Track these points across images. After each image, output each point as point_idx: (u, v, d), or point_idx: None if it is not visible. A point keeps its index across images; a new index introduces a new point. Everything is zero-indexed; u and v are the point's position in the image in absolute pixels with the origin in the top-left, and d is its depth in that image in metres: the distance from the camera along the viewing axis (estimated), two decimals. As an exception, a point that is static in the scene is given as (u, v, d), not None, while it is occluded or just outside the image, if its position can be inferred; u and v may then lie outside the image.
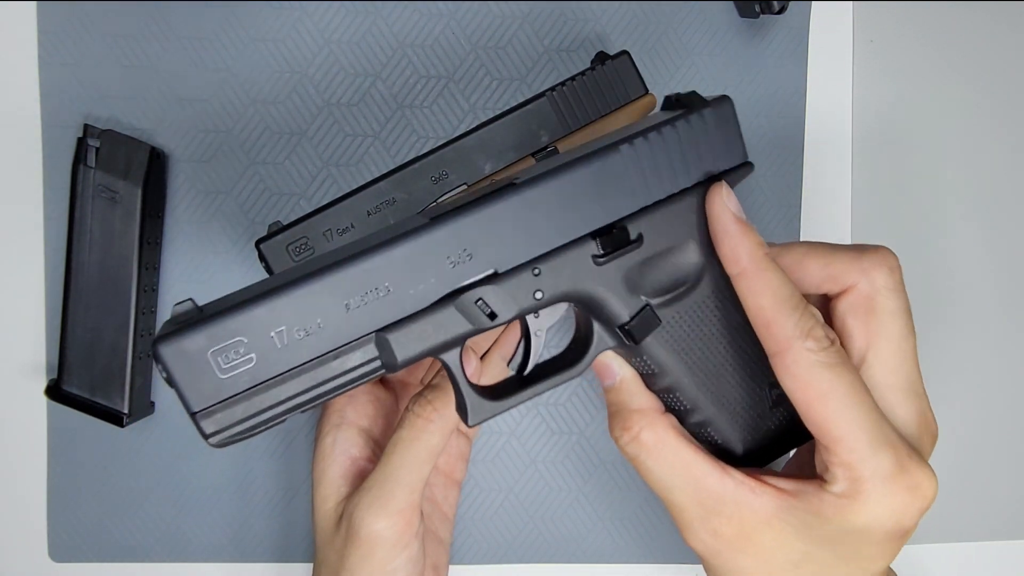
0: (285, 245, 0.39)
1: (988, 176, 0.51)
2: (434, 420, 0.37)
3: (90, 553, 0.48)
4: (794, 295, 0.33)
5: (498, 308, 0.33)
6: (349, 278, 0.31)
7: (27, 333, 0.48)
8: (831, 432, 0.33)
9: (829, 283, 0.36)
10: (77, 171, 0.44)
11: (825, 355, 0.33)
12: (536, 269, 0.33)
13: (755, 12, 0.47)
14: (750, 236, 0.34)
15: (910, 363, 0.35)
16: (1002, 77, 0.50)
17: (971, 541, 0.51)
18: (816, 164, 0.50)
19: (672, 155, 0.34)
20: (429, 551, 0.44)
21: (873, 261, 0.35)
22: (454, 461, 0.46)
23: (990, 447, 0.51)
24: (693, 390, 0.36)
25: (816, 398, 0.33)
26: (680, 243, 0.35)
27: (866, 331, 0.35)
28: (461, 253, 0.32)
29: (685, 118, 0.34)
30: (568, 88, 0.40)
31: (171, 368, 0.30)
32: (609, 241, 0.34)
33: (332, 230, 0.38)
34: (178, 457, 0.48)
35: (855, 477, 0.33)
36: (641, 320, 0.35)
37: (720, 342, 0.36)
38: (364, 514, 0.37)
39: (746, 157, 0.36)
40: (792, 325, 0.33)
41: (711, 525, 0.35)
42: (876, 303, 0.35)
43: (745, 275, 0.34)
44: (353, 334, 0.31)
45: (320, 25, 0.48)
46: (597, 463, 0.50)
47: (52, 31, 0.47)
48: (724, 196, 0.34)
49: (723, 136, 0.35)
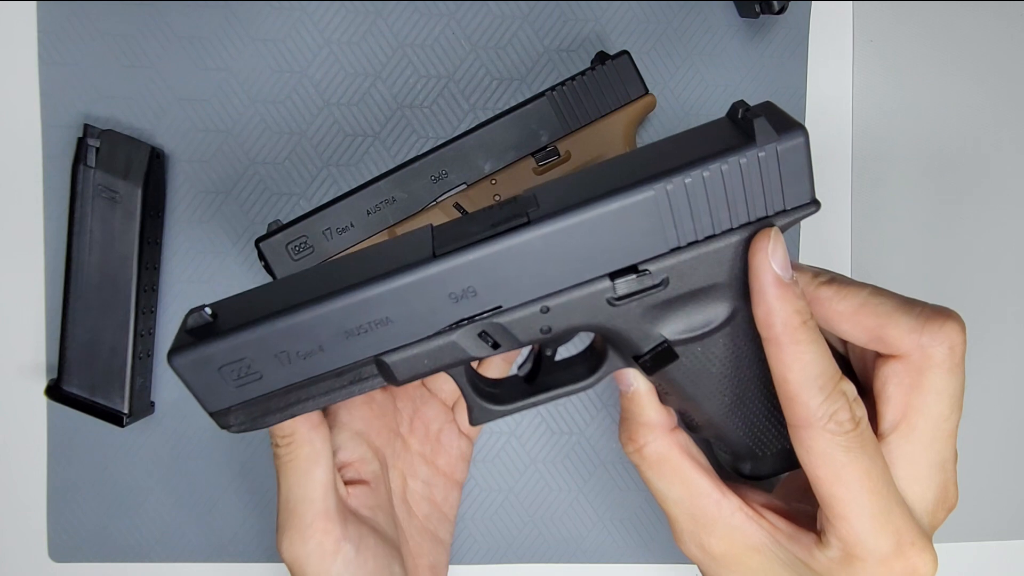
0: (284, 244, 0.39)
1: (989, 176, 0.51)
2: (291, 442, 0.36)
3: (90, 553, 0.48)
4: (824, 374, 0.31)
5: (501, 340, 0.32)
6: (349, 308, 0.31)
7: (27, 333, 0.48)
8: (835, 509, 0.32)
9: (877, 345, 0.33)
10: (77, 171, 0.44)
11: (845, 439, 0.31)
12: (544, 307, 0.31)
13: (755, 12, 0.47)
14: (789, 303, 0.30)
15: (944, 441, 0.33)
16: (1003, 77, 0.50)
17: (971, 541, 0.51)
18: (816, 164, 0.50)
19: (717, 195, 0.29)
20: (424, 550, 0.43)
21: (934, 336, 0.32)
22: (454, 462, 0.46)
23: (991, 447, 0.51)
24: (707, 415, 0.36)
25: (826, 477, 0.32)
26: (713, 288, 0.31)
27: (905, 403, 0.33)
28: (465, 290, 0.30)
29: (745, 155, 0.29)
30: (568, 88, 0.40)
31: (186, 378, 0.32)
32: (628, 284, 0.31)
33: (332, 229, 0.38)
34: (178, 457, 0.48)
35: (849, 553, 0.32)
36: (657, 355, 0.32)
37: (741, 379, 0.34)
38: (280, 540, 0.37)
39: (812, 196, 0.30)
40: (816, 406, 0.31)
41: (700, 540, 0.35)
42: (924, 380, 0.32)
43: (776, 345, 0.31)
44: (353, 358, 0.32)
45: (320, 25, 0.48)
46: (597, 463, 0.50)
47: (52, 31, 0.47)
48: (769, 249, 0.30)
49: (789, 175, 0.29)
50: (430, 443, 0.45)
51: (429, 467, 0.45)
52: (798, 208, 0.30)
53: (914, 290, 0.51)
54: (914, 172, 0.50)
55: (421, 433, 0.45)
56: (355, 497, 0.40)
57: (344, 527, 0.37)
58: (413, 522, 0.44)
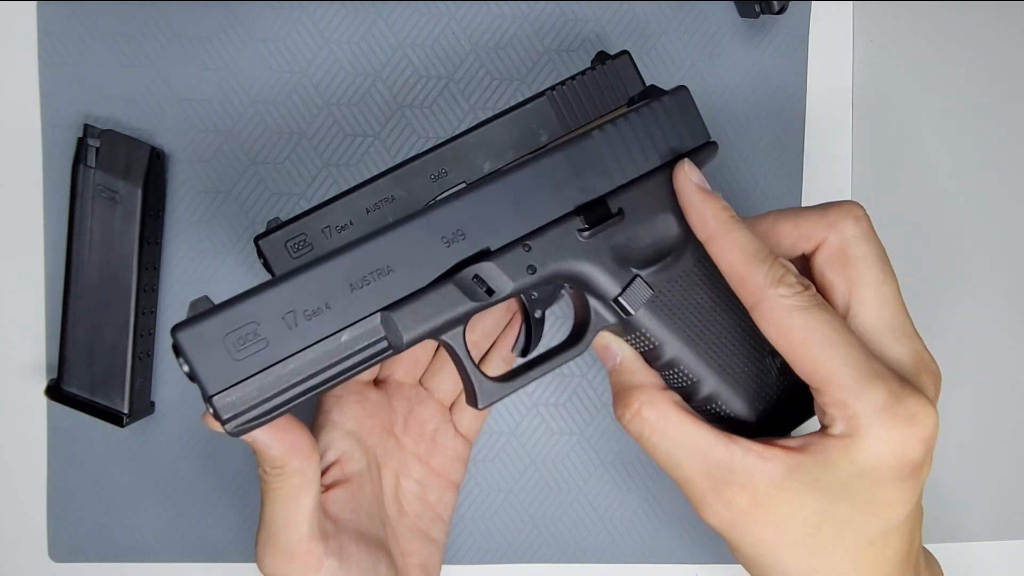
0: (284, 242, 0.39)
1: (989, 175, 0.51)
2: (281, 473, 0.36)
3: (90, 553, 0.48)
4: (762, 249, 0.35)
5: (494, 283, 0.35)
6: (351, 260, 0.34)
7: (27, 333, 0.48)
8: (818, 373, 0.33)
9: (802, 243, 0.37)
10: (77, 171, 0.44)
11: (799, 299, 0.34)
12: (526, 245, 0.36)
13: (755, 12, 0.47)
14: (714, 202, 0.36)
15: (894, 305, 0.36)
16: (1003, 76, 0.50)
17: (971, 541, 0.51)
18: (816, 164, 0.50)
19: (640, 138, 0.37)
20: (414, 549, 0.43)
21: (839, 214, 0.36)
22: (450, 463, 0.45)
23: (991, 446, 0.51)
24: (694, 362, 0.37)
25: (798, 342, 0.33)
26: (659, 215, 0.37)
27: (845, 280, 0.36)
28: (455, 233, 0.35)
29: (648, 105, 0.38)
30: (568, 87, 0.40)
31: (189, 353, 0.32)
32: (592, 216, 0.37)
33: (331, 227, 0.38)
34: (178, 457, 0.48)
35: (850, 415, 0.33)
36: (632, 290, 0.37)
37: (713, 309, 0.38)
38: (261, 557, 0.37)
39: (708, 137, 0.39)
40: (762, 275, 0.34)
41: (723, 496, 0.35)
42: (848, 252, 0.36)
43: (714, 238, 0.35)
44: (359, 313, 0.33)
45: (320, 25, 0.48)
46: (597, 463, 0.50)
47: (52, 31, 0.47)
48: (687, 169, 0.37)
49: (685, 119, 0.38)
50: (425, 443, 0.45)
51: (423, 467, 0.45)
52: (702, 148, 0.39)
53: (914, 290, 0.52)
54: (914, 172, 0.50)
55: (416, 433, 0.45)
56: (337, 501, 0.40)
57: (326, 543, 0.37)
58: (404, 521, 0.44)
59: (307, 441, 0.36)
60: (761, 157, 0.49)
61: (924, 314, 0.51)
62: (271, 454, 0.35)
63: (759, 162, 0.49)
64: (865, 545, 0.34)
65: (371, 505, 0.41)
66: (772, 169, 0.49)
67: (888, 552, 0.35)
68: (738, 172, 0.49)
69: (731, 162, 0.49)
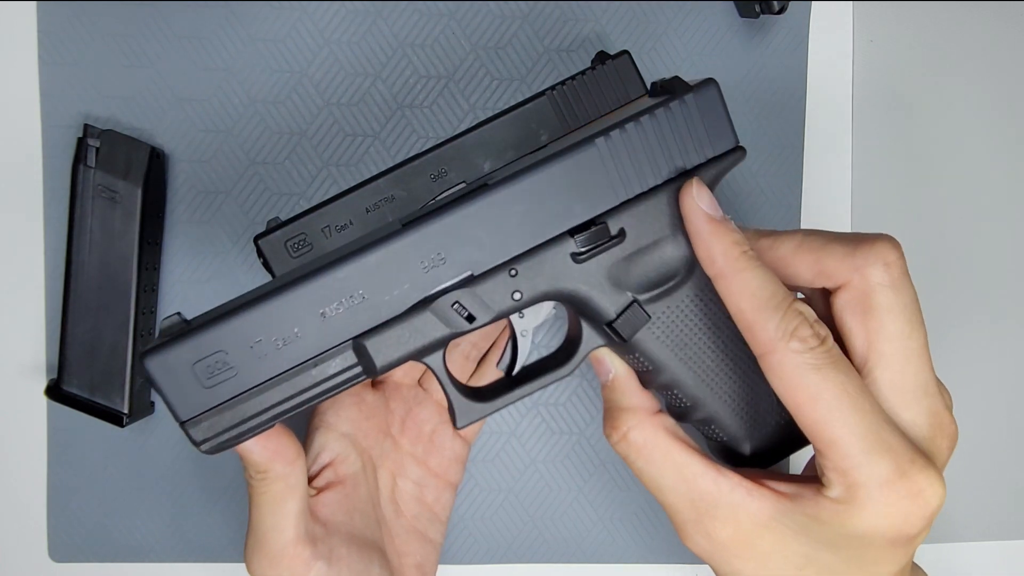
0: (283, 241, 0.39)
1: (989, 176, 0.51)
2: (265, 478, 0.36)
3: (90, 553, 0.48)
4: (775, 295, 0.32)
5: (475, 311, 0.33)
6: (323, 286, 0.31)
7: (27, 333, 0.48)
8: (823, 436, 0.31)
9: (822, 279, 0.34)
10: (77, 171, 0.44)
11: (812, 356, 0.31)
12: (513, 270, 0.33)
13: (755, 12, 0.47)
14: (724, 236, 0.32)
15: (918, 362, 0.33)
16: (1003, 76, 0.50)
17: (971, 541, 0.51)
18: (816, 164, 0.50)
19: (652, 146, 0.33)
20: (410, 549, 0.43)
21: (867, 257, 0.33)
22: (447, 463, 0.45)
23: (991, 446, 0.51)
24: (692, 387, 0.36)
25: (805, 401, 0.31)
26: (666, 236, 0.34)
27: (865, 331, 0.33)
28: (434, 257, 0.32)
29: (666, 106, 0.33)
30: (568, 87, 0.40)
31: (157, 380, 0.31)
32: (588, 238, 0.33)
33: (330, 227, 0.38)
34: (178, 457, 0.48)
35: (850, 483, 0.31)
36: (628, 317, 0.34)
37: (717, 337, 0.35)
38: (250, 561, 0.37)
39: (736, 142, 0.34)
40: (774, 327, 0.31)
41: (705, 528, 0.34)
42: (872, 301, 0.33)
43: (722, 277, 0.32)
44: (331, 342, 0.32)
45: (320, 25, 0.48)
46: (597, 463, 0.49)
47: (52, 31, 0.47)
48: (695, 193, 0.33)
49: (709, 122, 0.33)
50: (422, 443, 0.45)
51: (421, 467, 0.45)
52: (726, 154, 0.34)
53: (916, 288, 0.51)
54: (915, 172, 0.50)
55: (413, 433, 0.45)
56: (329, 504, 0.40)
57: (314, 547, 0.37)
58: (400, 521, 0.44)
59: (291, 447, 0.35)
60: (761, 157, 0.49)
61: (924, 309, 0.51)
62: (254, 459, 0.35)
63: (759, 162, 0.49)
64: None
65: (365, 506, 0.41)
66: (772, 169, 0.49)
67: None
68: (738, 172, 0.49)
69: (731, 162, 0.49)
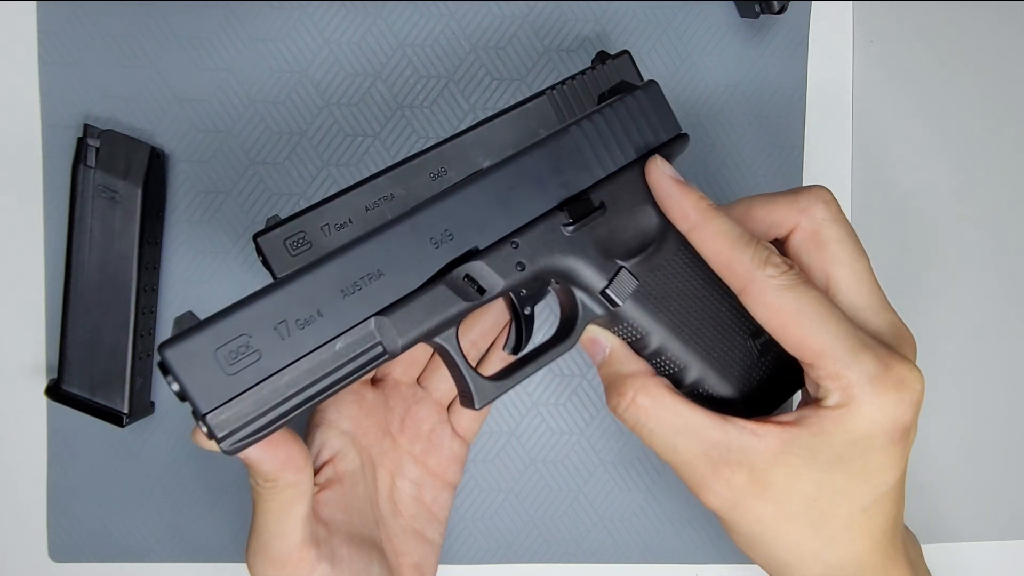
0: (283, 239, 0.39)
1: (989, 175, 0.51)
2: (274, 486, 0.35)
3: (90, 553, 0.48)
4: (744, 234, 0.36)
5: (485, 282, 0.35)
6: (341, 266, 0.33)
7: (27, 333, 0.48)
8: (810, 347, 0.34)
9: (775, 228, 0.38)
10: (77, 171, 0.44)
11: (786, 278, 0.35)
12: (514, 242, 0.36)
13: (755, 12, 0.47)
14: (690, 193, 0.37)
15: (869, 281, 0.37)
16: (1003, 77, 0.50)
17: (971, 541, 0.51)
18: (816, 164, 0.50)
19: (615, 132, 0.39)
20: (408, 548, 0.43)
21: (809, 199, 0.38)
22: (446, 463, 0.45)
23: (990, 447, 0.51)
24: (680, 348, 0.38)
25: (789, 320, 0.34)
26: (639, 206, 0.39)
27: (820, 262, 0.37)
28: (443, 234, 0.35)
29: (621, 100, 0.39)
30: (568, 87, 0.40)
31: (178, 371, 0.30)
32: (576, 210, 0.37)
33: (330, 225, 0.38)
34: (178, 457, 0.48)
35: (844, 385, 0.34)
36: (618, 282, 0.38)
37: (695, 296, 0.39)
38: (252, 563, 0.37)
39: (679, 129, 0.41)
40: (748, 258, 0.35)
41: (723, 476, 0.35)
42: (820, 235, 0.37)
43: (696, 228, 0.36)
44: (352, 319, 0.33)
45: (320, 25, 0.48)
46: (597, 463, 0.49)
47: (52, 31, 0.47)
48: (659, 164, 0.38)
49: (656, 113, 0.40)
50: (421, 443, 0.45)
51: (419, 467, 0.45)
52: (674, 139, 0.40)
53: (913, 290, 0.52)
54: (915, 172, 0.50)
55: (412, 432, 0.45)
56: (329, 502, 0.40)
57: (318, 548, 0.37)
58: (399, 521, 0.43)
59: (301, 454, 0.35)
60: (761, 157, 0.49)
61: (922, 314, 0.51)
62: (263, 468, 0.34)
63: (759, 162, 0.49)
64: (859, 512, 0.35)
65: (364, 505, 0.41)
66: (772, 169, 0.49)
67: (879, 519, 0.36)
68: (738, 172, 0.49)
69: (731, 162, 0.49)
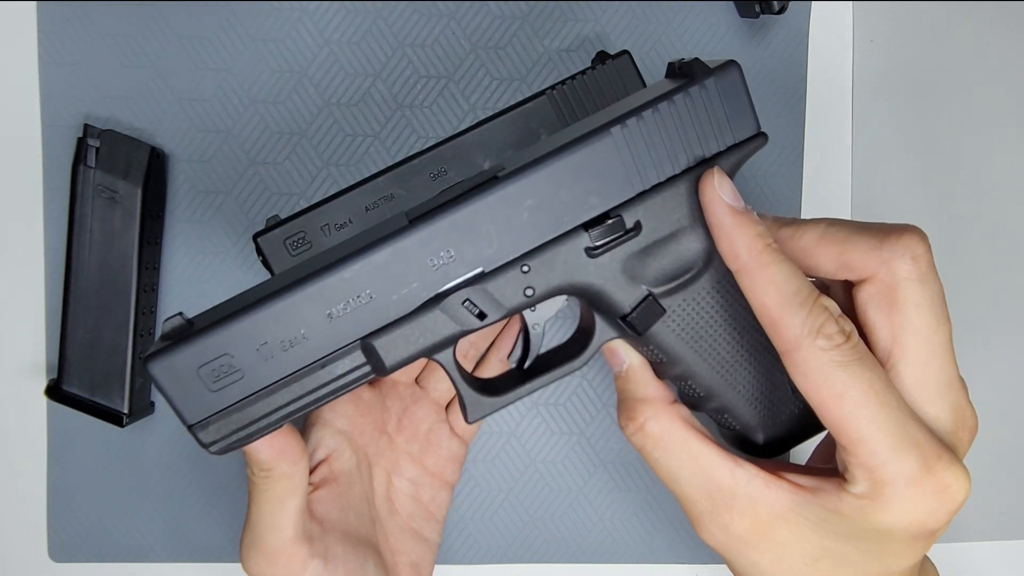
0: (282, 239, 0.39)
1: (989, 177, 0.51)
2: (268, 476, 0.36)
3: (90, 553, 0.48)
4: (800, 290, 0.31)
5: (487, 308, 0.31)
6: (329, 287, 0.30)
7: (27, 333, 0.48)
8: (849, 434, 0.30)
9: (847, 271, 0.33)
10: (77, 171, 0.44)
11: (838, 353, 0.30)
12: (525, 266, 0.31)
13: (755, 12, 0.47)
14: (747, 228, 0.31)
15: (943, 357, 0.32)
16: (1002, 76, 0.50)
17: (971, 541, 0.51)
18: (816, 164, 0.50)
19: (670, 134, 0.31)
20: (405, 548, 0.43)
21: (895, 250, 0.32)
22: (444, 462, 0.45)
23: (990, 447, 0.51)
24: (707, 378, 0.35)
25: (831, 399, 0.30)
26: (684, 228, 0.32)
27: (890, 325, 0.32)
28: (444, 255, 0.31)
29: (685, 91, 0.31)
30: (568, 87, 0.40)
31: (163, 385, 0.31)
32: (603, 232, 0.31)
33: (330, 225, 0.38)
34: (178, 457, 0.48)
35: (876, 480, 0.30)
36: (643, 311, 0.33)
37: (733, 329, 0.34)
38: (246, 558, 0.37)
39: (758, 128, 0.32)
40: (799, 323, 0.30)
41: (722, 520, 0.33)
42: (898, 295, 0.32)
43: (745, 271, 0.31)
44: (338, 343, 0.31)
45: (320, 25, 0.48)
46: (597, 463, 0.49)
47: (52, 31, 0.47)
48: (716, 184, 0.31)
49: (729, 108, 0.32)
50: (419, 442, 0.45)
51: (417, 466, 0.45)
52: (747, 141, 0.32)
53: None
54: (915, 172, 0.50)
55: (409, 432, 0.45)
56: (324, 501, 0.40)
57: (311, 545, 0.37)
58: (395, 520, 0.43)
59: (297, 446, 0.35)
60: (761, 157, 0.49)
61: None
62: (260, 457, 0.34)
63: (759, 162, 0.49)
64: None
65: (360, 504, 0.41)
66: (772, 169, 0.49)
67: None
68: (738, 172, 0.49)
69: (731, 162, 0.49)
